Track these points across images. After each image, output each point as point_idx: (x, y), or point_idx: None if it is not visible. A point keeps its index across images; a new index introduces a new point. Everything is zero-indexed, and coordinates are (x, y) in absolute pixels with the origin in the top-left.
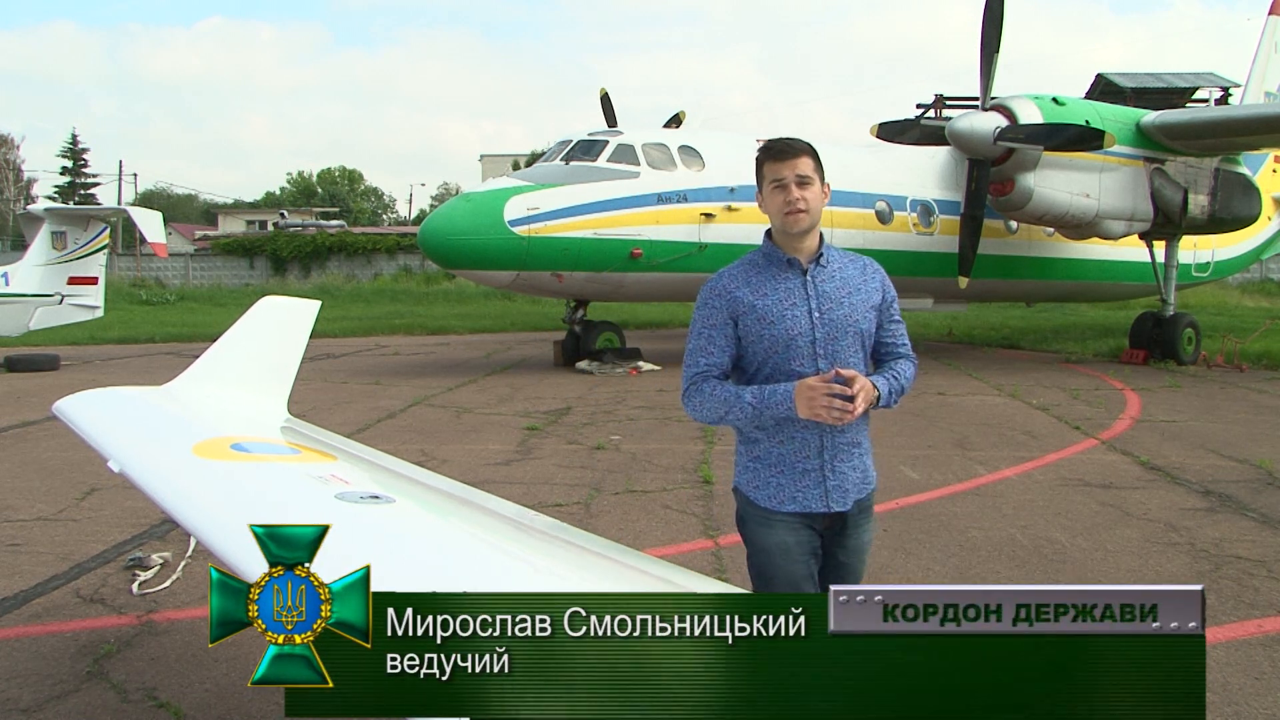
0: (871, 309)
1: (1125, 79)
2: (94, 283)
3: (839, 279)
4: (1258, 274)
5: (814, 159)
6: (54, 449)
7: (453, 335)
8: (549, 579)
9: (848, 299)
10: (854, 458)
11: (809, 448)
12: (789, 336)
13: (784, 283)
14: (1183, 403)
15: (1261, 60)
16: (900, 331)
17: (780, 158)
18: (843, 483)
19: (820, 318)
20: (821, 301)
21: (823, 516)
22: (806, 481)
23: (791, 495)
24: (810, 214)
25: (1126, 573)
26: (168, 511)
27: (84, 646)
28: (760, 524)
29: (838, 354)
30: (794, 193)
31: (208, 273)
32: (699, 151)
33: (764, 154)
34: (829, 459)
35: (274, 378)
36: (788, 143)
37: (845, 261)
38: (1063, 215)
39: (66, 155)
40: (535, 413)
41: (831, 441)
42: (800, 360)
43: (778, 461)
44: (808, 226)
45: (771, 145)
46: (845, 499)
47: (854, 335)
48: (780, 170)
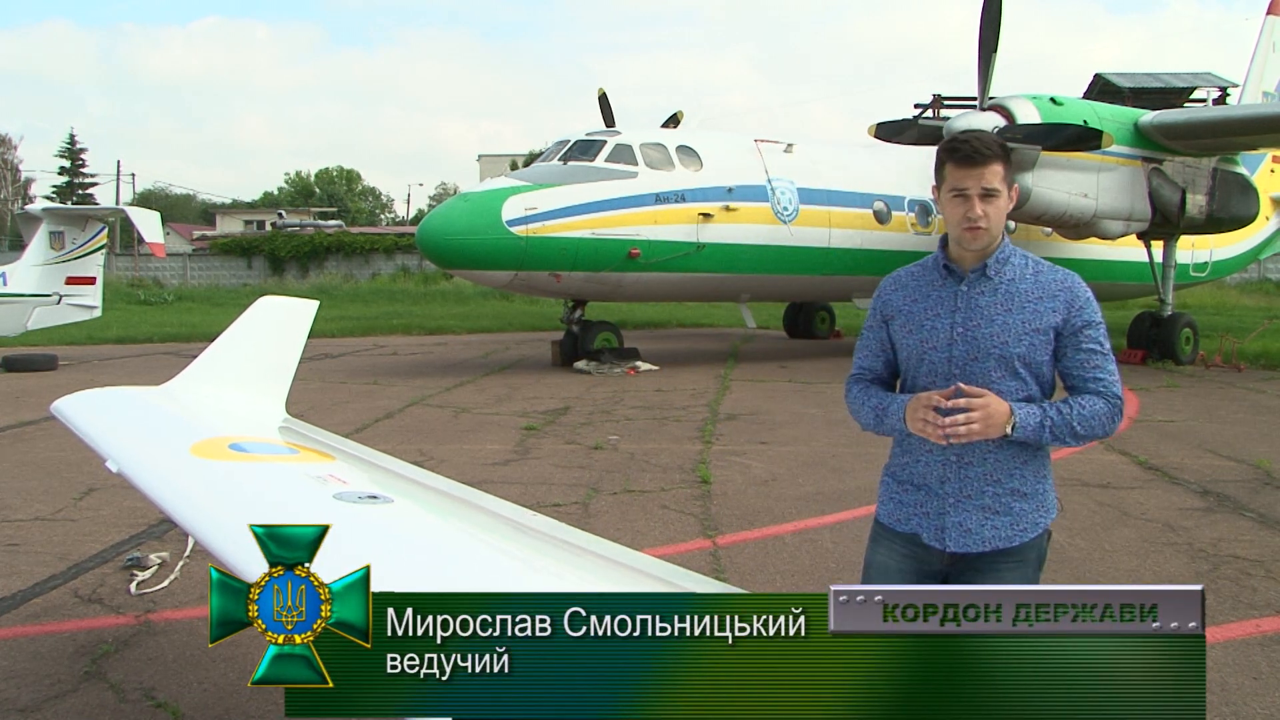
0: (1037, 332)
1: (1123, 79)
2: (92, 283)
3: (1004, 293)
4: (1256, 274)
5: (1005, 163)
6: (52, 449)
7: (451, 335)
8: (548, 579)
9: (1002, 317)
10: (990, 497)
11: (932, 474)
12: (923, 349)
13: (938, 290)
14: (1181, 403)
15: (1259, 60)
16: (1092, 362)
17: (967, 164)
18: (966, 521)
19: (962, 334)
20: (970, 316)
21: (940, 553)
22: (926, 509)
23: (907, 516)
24: (991, 230)
25: (1125, 573)
26: (166, 511)
27: (82, 646)
28: (874, 537)
29: (975, 377)
30: (977, 208)
31: (206, 273)
32: (697, 151)
33: (948, 154)
34: (954, 490)
35: (272, 378)
36: (977, 146)
37: (1029, 273)
38: (1061, 215)
39: (64, 155)
40: (533, 413)
41: (959, 472)
42: (932, 377)
43: (906, 479)
44: (985, 244)
45: (958, 146)
46: (966, 540)
47: (1000, 359)
48: (964, 180)
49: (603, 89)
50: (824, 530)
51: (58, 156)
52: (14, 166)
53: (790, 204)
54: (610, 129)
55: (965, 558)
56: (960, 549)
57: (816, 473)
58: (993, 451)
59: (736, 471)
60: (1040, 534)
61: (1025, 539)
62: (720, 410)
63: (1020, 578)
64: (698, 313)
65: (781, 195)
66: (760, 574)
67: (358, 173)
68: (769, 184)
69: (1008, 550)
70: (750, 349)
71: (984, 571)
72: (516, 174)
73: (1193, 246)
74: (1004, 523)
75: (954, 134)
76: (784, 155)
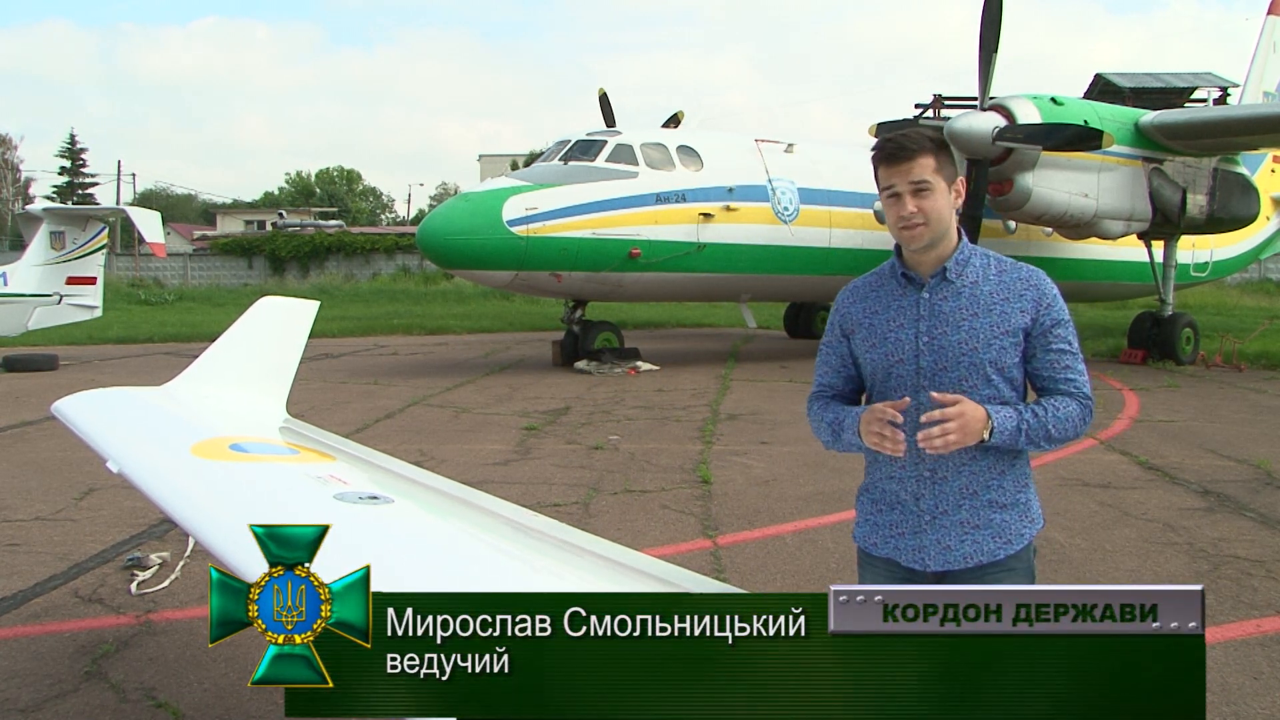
0: (1006, 334)
1: (1123, 79)
2: (92, 283)
3: (967, 296)
4: (1256, 274)
5: (935, 156)
6: (52, 449)
7: (451, 335)
8: (548, 579)
9: (969, 322)
10: (968, 511)
11: (906, 490)
12: (889, 363)
13: (898, 300)
14: (1181, 403)
15: (1260, 60)
16: (1062, 363)
17: (891, 161)
18: (945, 538)
19: (929, 343)
20: (934, 324)
21: (922, 574)
22: (903, 529)
23: (883, 539)
24: (931, 226)
25: (1125, 573)
26: (166, 512)
27: (82, 646)
28: (859, 562)
29: (946, 388)
30: (908, 205)
31: (206, 273)
32: (697, 151)
33: (875, 154)
34: (930, 507)
35: (272, 378)
36: (900, 142)
37: (992, 274)
38: (1061, 215)
39: (65, 155)
40: (534, 413)
41: (933, 488)
42: (901, 391)
43: (880, 499)
44: (929, 241)
45: (882, 146)
46: (947, 557)
47: (971, 366)
48: (891, 177)
49: (603, 89)
50: (824, 530)
51: (58, 156)
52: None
53: (791, 204)
54: (611, 129)
55: (950, 576)
56: (942, 567)
57: (817, 473)
58: (968, 463)
59: (737, 471)
60: (1026, 546)
61: (1010, 551)
62: (721, 410)
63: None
64: (698, 313)
65: (782, 195)
66: (760, 574)
67: (358, 173)
68: (770, 184)
69: (993, 565)
70: (750, 349)
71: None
72: (517, 174)
73: (1193, 246)
74: (985, 536)
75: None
76: (785, 155)
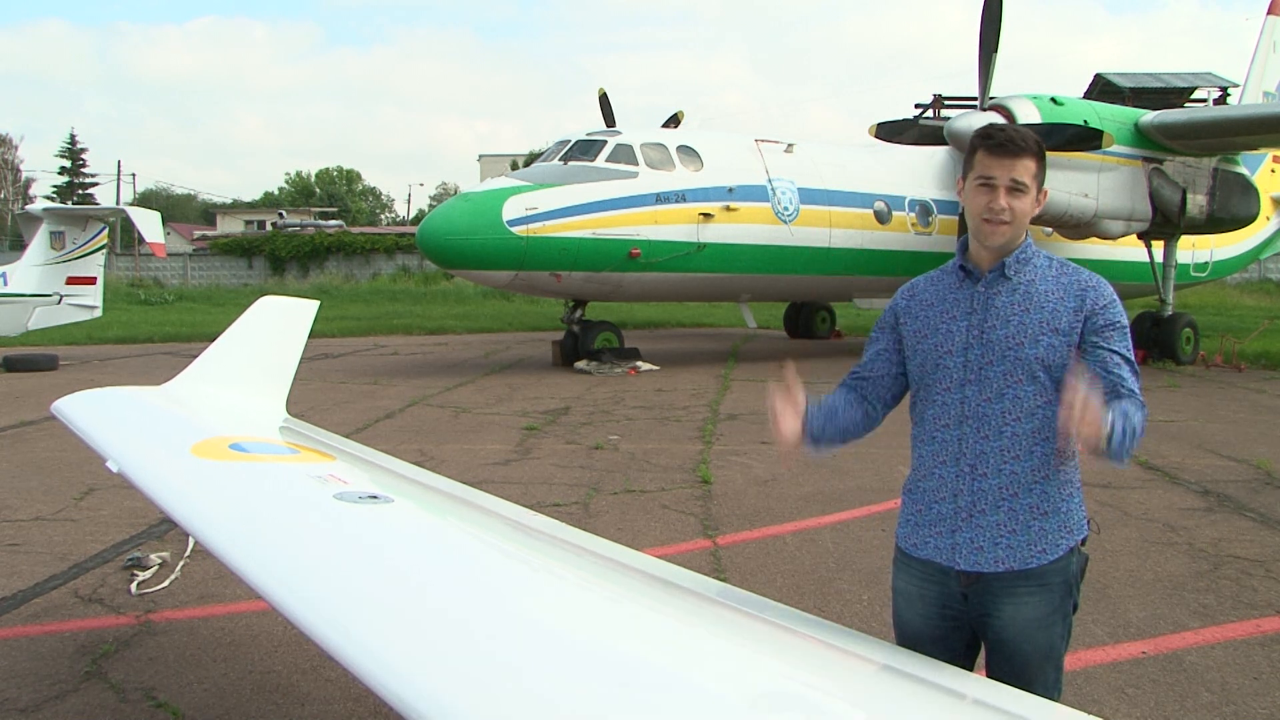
0: (1055, 332)
1: (1123, 79)
2: (92, 283)
3: (1022, 293)
4: (1256, 274)
5: (1038, 161)
6: (52, 449)
7: (451, 335)
8: (548, 579)
9: (1019, 317)
10: (1006, 514)
11: (945, 488)
12: (938, 354)
13: (954, 292)
14: (1181, 403)
15: (1260, 60)
16: (1113, 361)
17: (998, 153)
18: (978, 538)
19: (979, 336)
20: (987, 317)
21: (958, 574)
22: (939, 528)
23: (923, 539)
24: (1013, 226)
25: (1126, 573)
26: (166, 511)
27: (82, 646)
28: (895, 561)
29: (991, 382)
30: (1001, 199)
31: (206, 273)
32: (697, 151)
33: (981, 141)
34: (967, 504)
35: (272, 378)
36: (1011, 135)
37: (1050, 273)
38: (1061, 215)
39: (65, 155)
40: (534, 413)
41: (971, 485)
42: (947, 384)
43: (920, 497)
44: (1006, 241)
45: (993, 134)
46: (977, 558)
47: (1016, 361)
48: (993, 169)
49: (603, 89)
50: (824, 530)
51: (58, 156)
52: (14, 166)
53: (791, 204)
54: (611, 129)
55: (981, 578)
56: (971, 567)
57: (817, 473)
58: (1010, 461)
59: (737, 471)
60: (1064, 556)
61: (1044, 561)
62: (720, 410)
63: (1043, 603)
64: (698, 313)
65: (782, 195)
66: (760, 574)
67: (358, 173)
68: (769, 184)
69: (1025, 572)
70: (750, 349)
71: (1001, 595)
72: (517, 174)
73: (1193, 246)
74: (1020, 542)
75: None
76: (784, 155)
